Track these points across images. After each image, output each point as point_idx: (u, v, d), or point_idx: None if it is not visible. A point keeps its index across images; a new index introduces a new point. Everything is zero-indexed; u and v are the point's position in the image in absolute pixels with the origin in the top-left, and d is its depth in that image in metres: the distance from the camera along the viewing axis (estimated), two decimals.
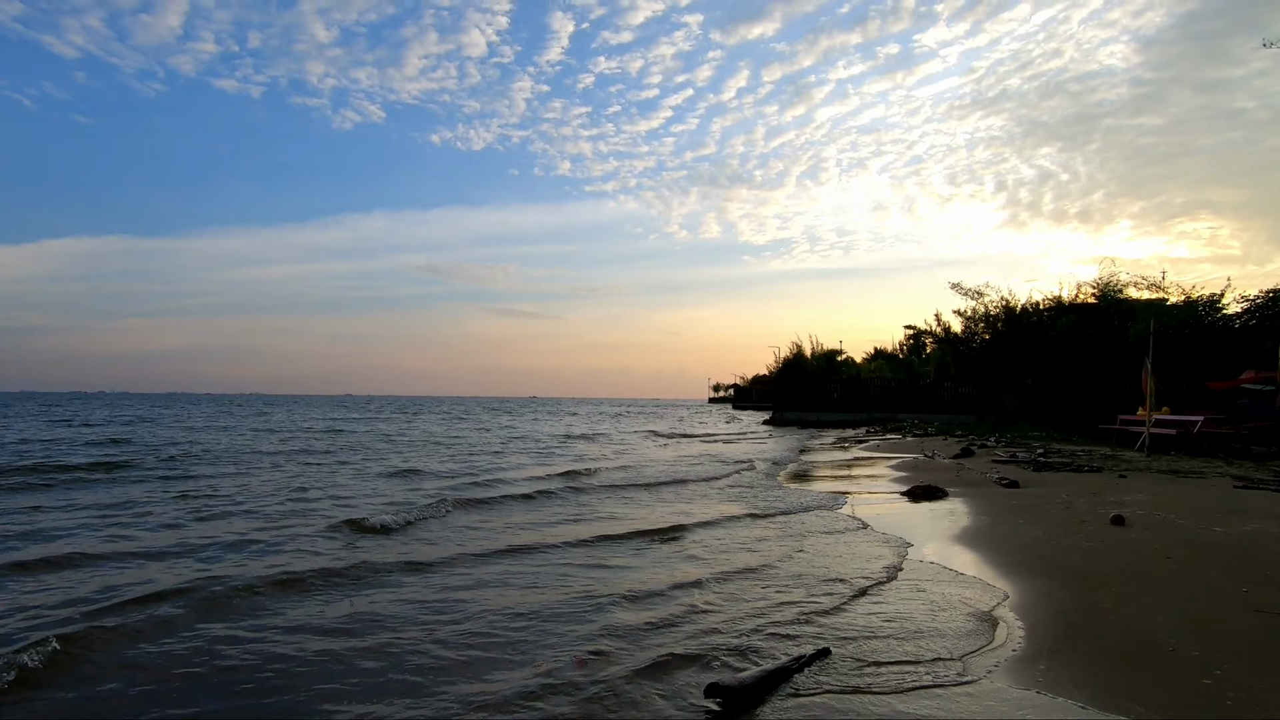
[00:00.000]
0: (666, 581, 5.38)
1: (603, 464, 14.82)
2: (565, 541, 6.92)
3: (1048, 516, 7.63)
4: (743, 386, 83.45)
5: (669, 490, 10.94)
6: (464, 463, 14.97)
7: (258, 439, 21.41)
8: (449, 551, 6.42)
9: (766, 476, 12.79)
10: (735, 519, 8.29)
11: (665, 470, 13.89)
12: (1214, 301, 22.16)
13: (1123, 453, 15.02)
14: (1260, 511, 7.53)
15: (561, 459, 16.06)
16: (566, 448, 19.68)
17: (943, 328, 38.44)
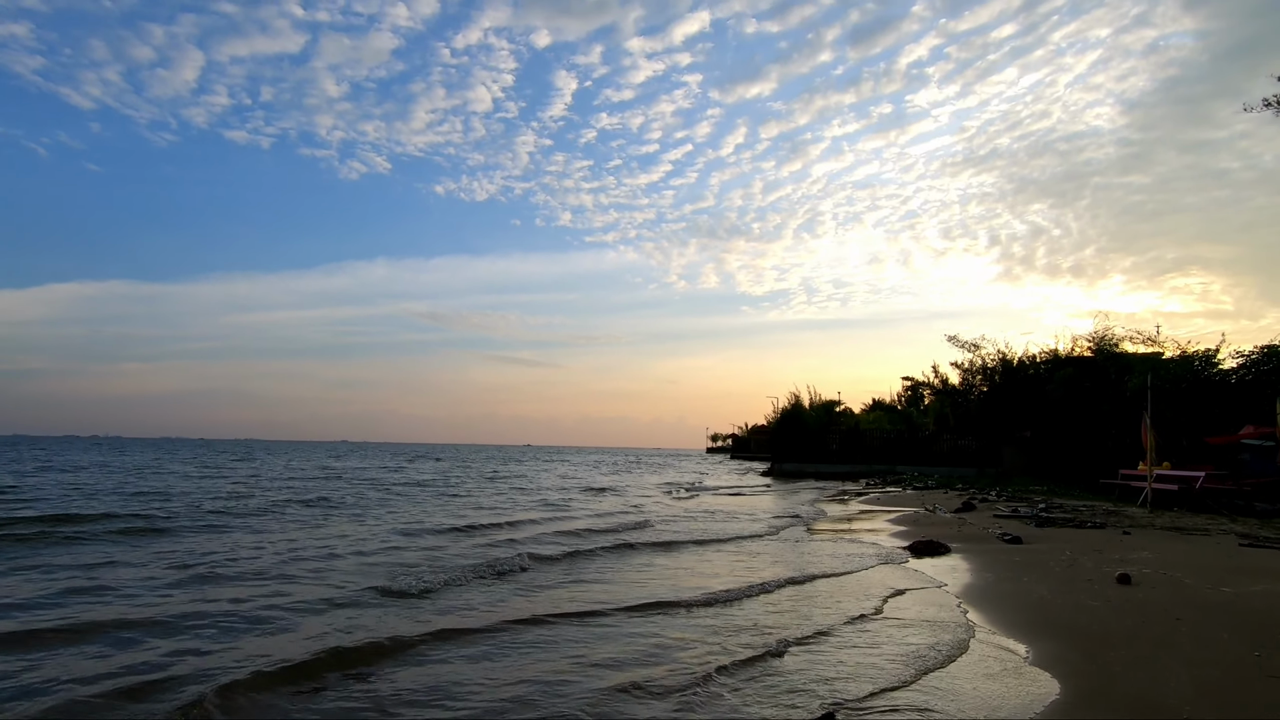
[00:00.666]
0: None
1: (630, 518, 14.23)
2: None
3: (1053, 574, 7.51)
4: (741, 437, 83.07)
5: (713, 551, 10.62)
6: (502, 514, 14.33)
7: (261, 486, 21.13)
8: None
9: (784, 532, 12.61)
10: (782, 583, 8.09)
11: (697, 529, 13.14)
12: (1209, 356, 22.30)
13: (1125, 508, 14.88)
14: (1268, 571, 7.43)
15: (587, 513, 15.26)
16: (587, 502, 19.11)
17: (940, 380, 38.54)
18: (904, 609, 6.25)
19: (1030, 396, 27.89)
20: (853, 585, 7.39)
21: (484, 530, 11.58)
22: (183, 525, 11.46)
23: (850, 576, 7.86)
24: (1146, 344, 25.68)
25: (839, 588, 7.25)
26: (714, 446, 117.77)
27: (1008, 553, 9.16)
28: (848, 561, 8.81)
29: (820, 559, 9.12)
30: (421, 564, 8.20)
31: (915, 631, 5.46)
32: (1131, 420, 18.26)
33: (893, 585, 7.28)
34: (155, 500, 15.65)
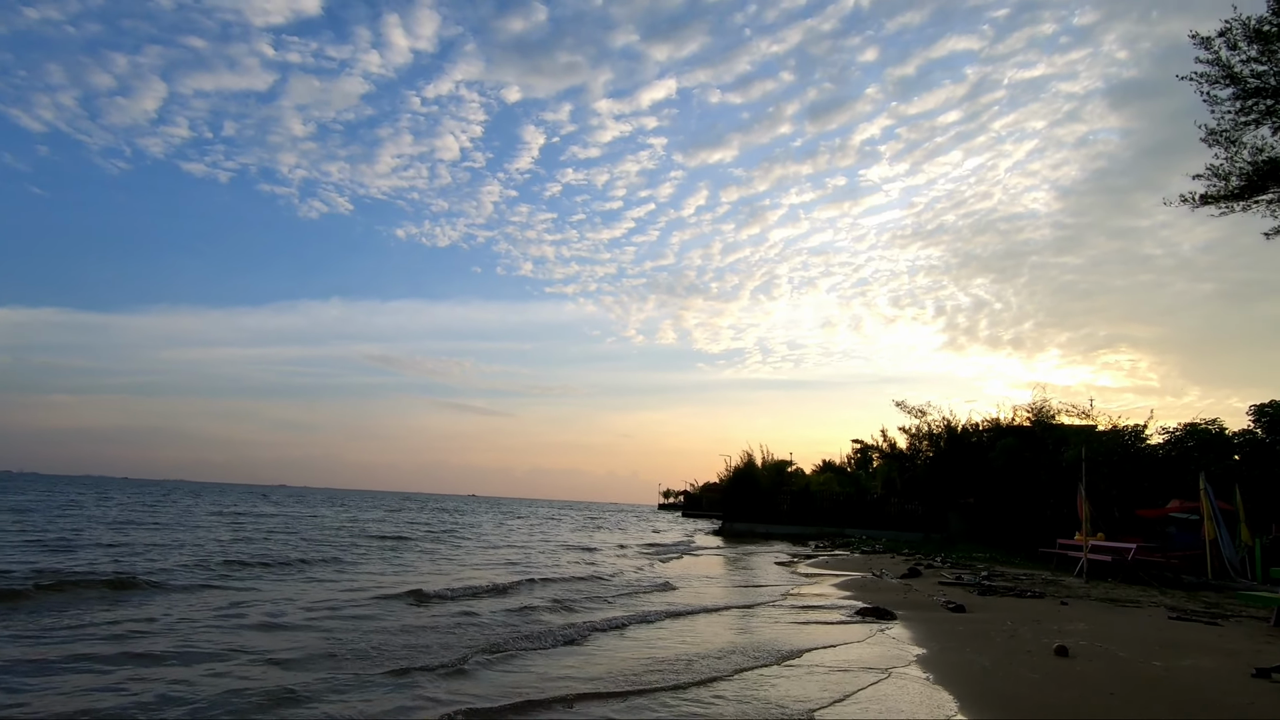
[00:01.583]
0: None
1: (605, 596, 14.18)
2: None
3: (994, 644, 7.60)
4: (693, 494, 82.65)
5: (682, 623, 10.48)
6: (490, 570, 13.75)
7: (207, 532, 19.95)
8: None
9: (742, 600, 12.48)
10: (734, 671, 7.98)
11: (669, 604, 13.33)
12: (1138, 431, 23.44)
13: (1062, 578, 15.25)
14: (1196, 645, 7.67)
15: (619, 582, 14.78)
16: (559, 563, 18.85)
17: (889, 444, 39.36)
18: (855, 683, 6.21)
19: (974, 464, 28.66)
20: (805, 659, 7.33)
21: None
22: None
23: (803, 648, 7.80)
24: (1081, 417, 26.88)
25: (791, 668, 7.18)
26: (666, 503, 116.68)
27: (951, 621, 9.25)
28: (801, 633, 8.75)
29: (773, 630, 9.03)
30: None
31: (867, 706, 5.42)
32: (1068, 490, 18.89)
33: (843, 657, 7.25)
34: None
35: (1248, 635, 8.52)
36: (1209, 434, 21.74)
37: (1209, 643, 7.88)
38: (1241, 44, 20.08)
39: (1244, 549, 15.13)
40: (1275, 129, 19.86)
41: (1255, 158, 20.09)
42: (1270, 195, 20.28)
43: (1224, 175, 20.83)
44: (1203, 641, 7.95)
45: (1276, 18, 19.43)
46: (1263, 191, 20.20)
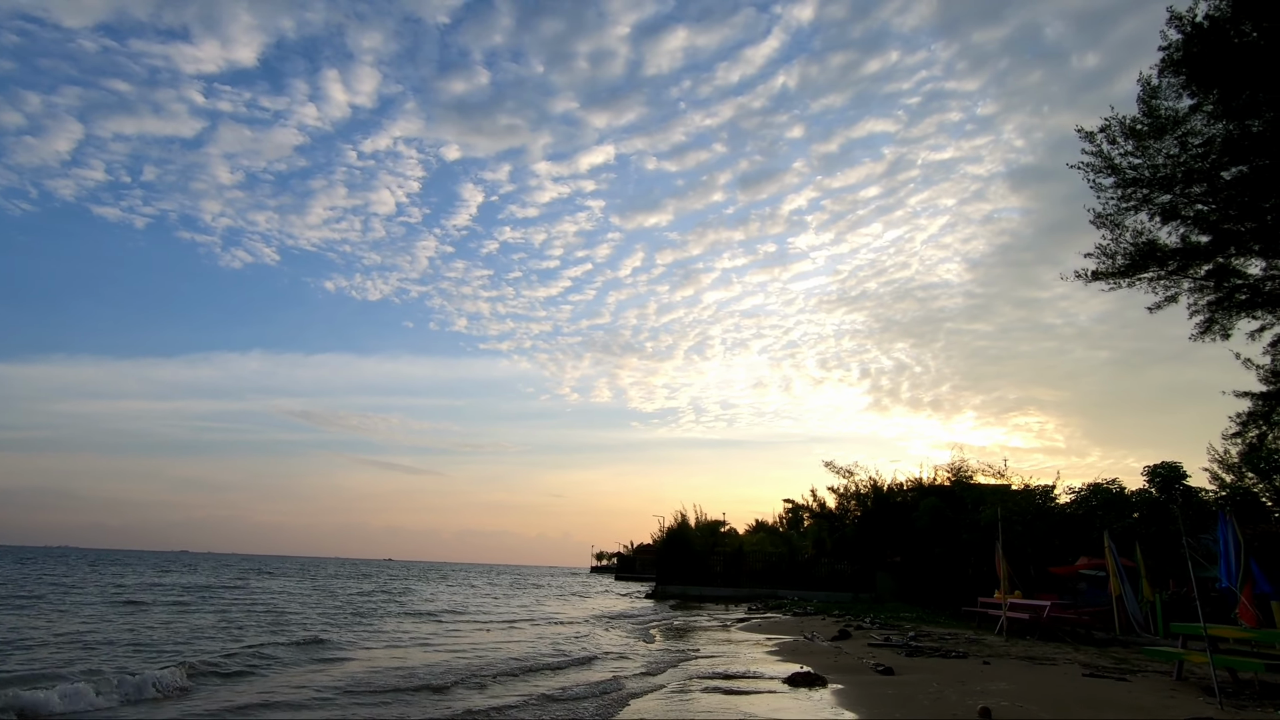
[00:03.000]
0: None
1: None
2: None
3: (921, 707, 7.64)
4: (626, 556, 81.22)
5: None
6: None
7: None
8: None
9: (670, 673, 12.13)
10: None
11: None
12: (1048, 491, 24.71)
13: (984, 636, 15.60)
14: (1108, 702, 7.92)
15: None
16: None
17: (818, 503, 40.05)
18: None
19: (899, 523, 29.42)
20: None
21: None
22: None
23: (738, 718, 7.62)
24: (996, 476, 28.17)
25: None
26: (598, 566, 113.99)
27: (881, 685, 9.26)
28: (737, 701, 8.57)
29: (709, 699, 8.82)
30: None
31: None
32: (987, 548, 19.56)
33: None
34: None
35: (1154, 690, 8.87)
36: (1110, 493, 23.12)
37: (1120, 699, 8.15)
38: (1119, 139, 22.43)
39: (1146, 604, 15.91)
40: (1152, 215, 22.05)
41: (1136, 240, 22.18)
42: (1151, 273, 22.34)
43: (1111, 254, 22.86)
44: (1114, 698, 8.22)
45: (1147, 118, 21.85)
46: (1144, 270, 22.25)
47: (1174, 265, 21.82)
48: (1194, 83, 20.47)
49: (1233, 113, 19.79)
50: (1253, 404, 21.76)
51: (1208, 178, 20.86)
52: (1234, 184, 20.76)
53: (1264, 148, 19.87)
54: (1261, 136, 19.62)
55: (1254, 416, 21.71)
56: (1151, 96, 21.30)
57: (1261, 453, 22.34)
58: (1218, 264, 21.58)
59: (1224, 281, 21.59)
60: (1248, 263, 21.47)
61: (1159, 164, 21.35)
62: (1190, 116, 20.84)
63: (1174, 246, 21.68)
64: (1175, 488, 22.06)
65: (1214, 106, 20.24)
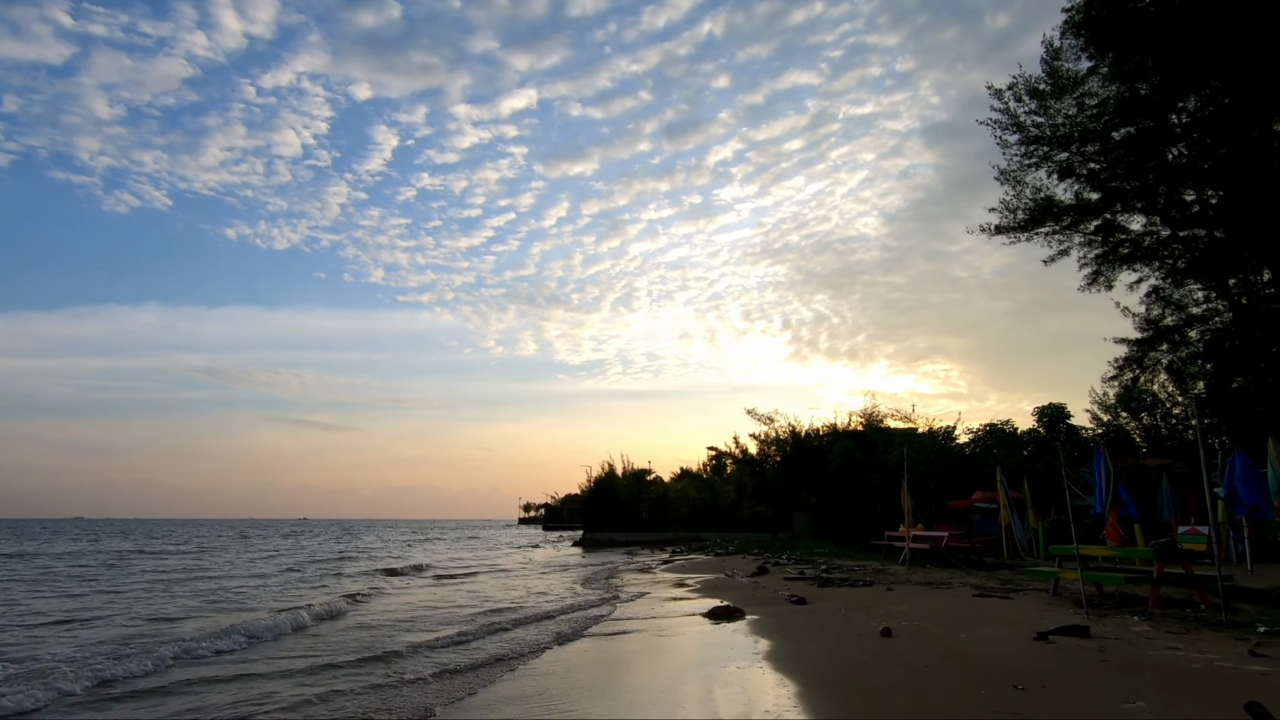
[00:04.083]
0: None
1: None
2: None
3: (830, 631, 8.21)
4: (554, 506, 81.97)
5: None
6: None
7: None
8: None
9: (593, 610, 12.43)
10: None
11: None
12: (949, 432, 26.46)
13: (890, 566, 16.79)
14: (993, 618, 8.74)
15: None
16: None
17: (741, 450, 41.42)
18: (705, 679, 6.43)
19: (816, 466, 30.90)
20: (656, 666, 7.48)
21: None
22: None
23: (655, 654, 7.96)
24: (904, 421, 29.90)
25: (642, 677, 7.30)
26: (526, 517, 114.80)
27: (794, 613, 9.87)
28: (657, 635, 8.93)
29: (627, 642, 9.14)
30: None
31: (720, 707, 5.63)
32: (895, 487, 20.89)
33: (698, 656, 7.48)
34: None
35: (1033, 605, 9.85)
36: (1004, 433, 25.00)
37: (1004, 614, 9.01)
38: (1024, 97, 23.43)
39: (1031, 531, 17.49)
40: (1050, 172, 23.32)
41: (1035, 196, 23.48)
42: (1047, 228, 23.77)
43: (1012, 209, 24.13)
44: (999, 614, 9.08)
45: (1050, 79, 22.86)
46: (1041, 225, 23.64)
47: (1068, 221, 23.31)
48: (1092, 45, 21.52)
49: (1125, 76, 20.98)
50: (1129, 350, 23.85)
51: (1100, 138, 22.19)
52: (1122, 144, 22.18)
53: (1149, 110, 21.25)
54: (1148, 100, 20.94)
55: (1129, 361, 23.83)
56: (1054, 58, 22.29)
57: (1134, 394, 24.58)
58: (1105, 220, 23.18)
59: (1110, 236, 23.25)
60: (1131, 219, 23.17)
61: (1059, 123, 22.53)
62: (1088, 78, 21.97)
63: (1068, 203, 23.11)
64: (1060, 427, 24.07)
65: (1109, 69, 21.39)
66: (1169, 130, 21.44)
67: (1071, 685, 5.43)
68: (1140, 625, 8.07)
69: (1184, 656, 6.39)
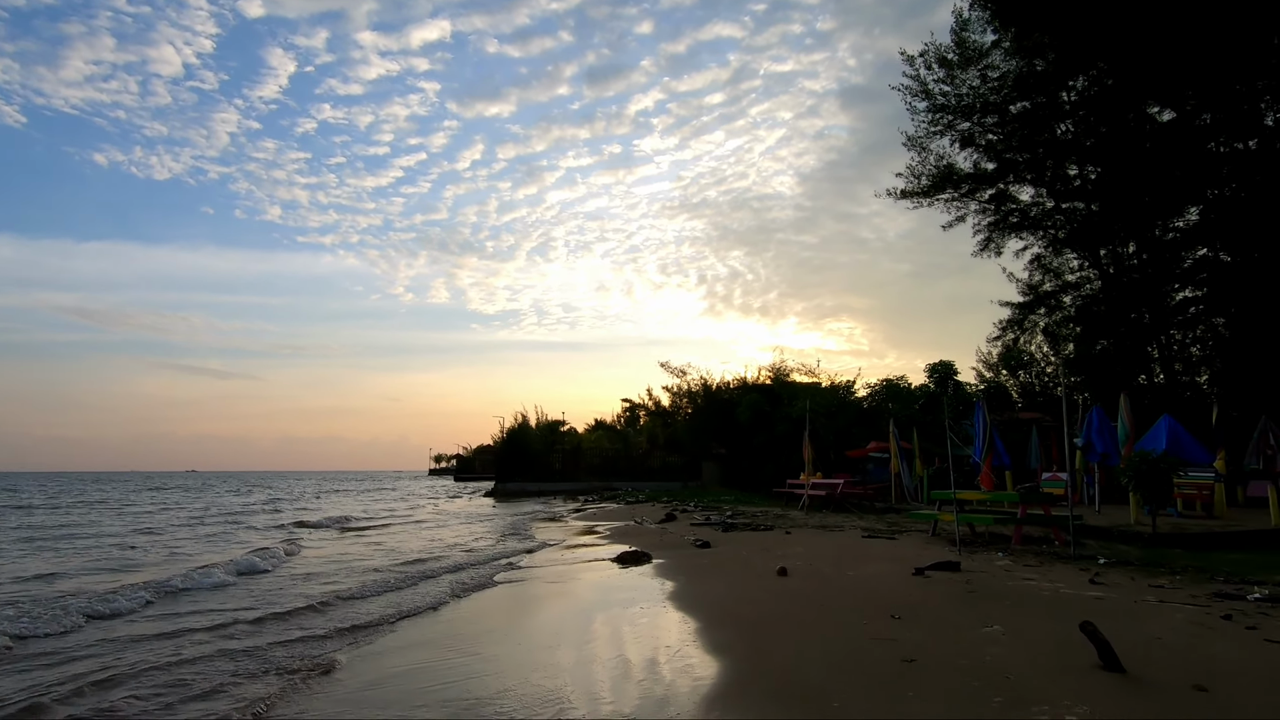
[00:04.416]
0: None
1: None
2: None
3: (731, 573, 8.66)
4: (466, 457, 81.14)
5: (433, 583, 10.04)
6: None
7: None
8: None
9: (506, 558, 12.48)
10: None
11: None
12: (849, 386, 27.93)
13: (790, 512, 17.77)
14: (878, 557, 9.47)
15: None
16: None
17: (654, 402, 42.20)
18: (611, 619, 6.66)
19: (725, 418, 31.90)
20: (563, 609, 7.66)
21: None
22: None
23: (564, 598, 8.14)
24: (809, 375, 31.27)
25: (549, 619, 7.46)
26: (437, 468, 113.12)
27: (698, 556, 10.33)
28: (568, 579, 9.11)
29: (538, 587, 9.29)
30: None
31: (627, 645, 5.86)
32: (798, 438, 21.93)
33: (607, 598, 7.72)
34: None
35: (914, 544, 10.74)
36: (899, 388, 26.63)
37: (888, 553, 9.78)
38: (934, 66, 24.21)
39: (918, 479, 18.88)
40: (953, 141, 24.39)
41: (938, 163, 24.55)
42: (947, 195, 24.97)
43: (917, 175, 25.16)
44: (884, 553, 9.84)
45: (957, 49, 23.69)
46: (942, 191, 24.81)
47: (965, 189, 24.56)
48: (997, 19, 22.41)
49: (1024, 51, 22.03)
50: (1011, 313, 25.70)
51: (999, 110, 23.34)
52: (1018, 118, 23.42)
53: (1044, 87, 22.48)
54: (1043, 76, 22.13)
55: (1011, 323, 25.71)
56: (962, 28, 23.09)
57: (1014, 353, 26.64)
58: (999, 189, 24.58)
59: (1001, 205, 24.71)
60: (1021, 190, 24.67)
61: (963, 93, 23.49)
62: (992, 51, 22.93)
63: (967, 171, 24.32)
64: (948, 382, 25.85)
65: (1011, 44, 22.39)
66: (1059, 107, 22.81)
67: (940, 613, 6.00)
68: (1003, 560, 8.97)
69: (1036, 586, 7.17)
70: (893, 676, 4.29)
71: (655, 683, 4.51)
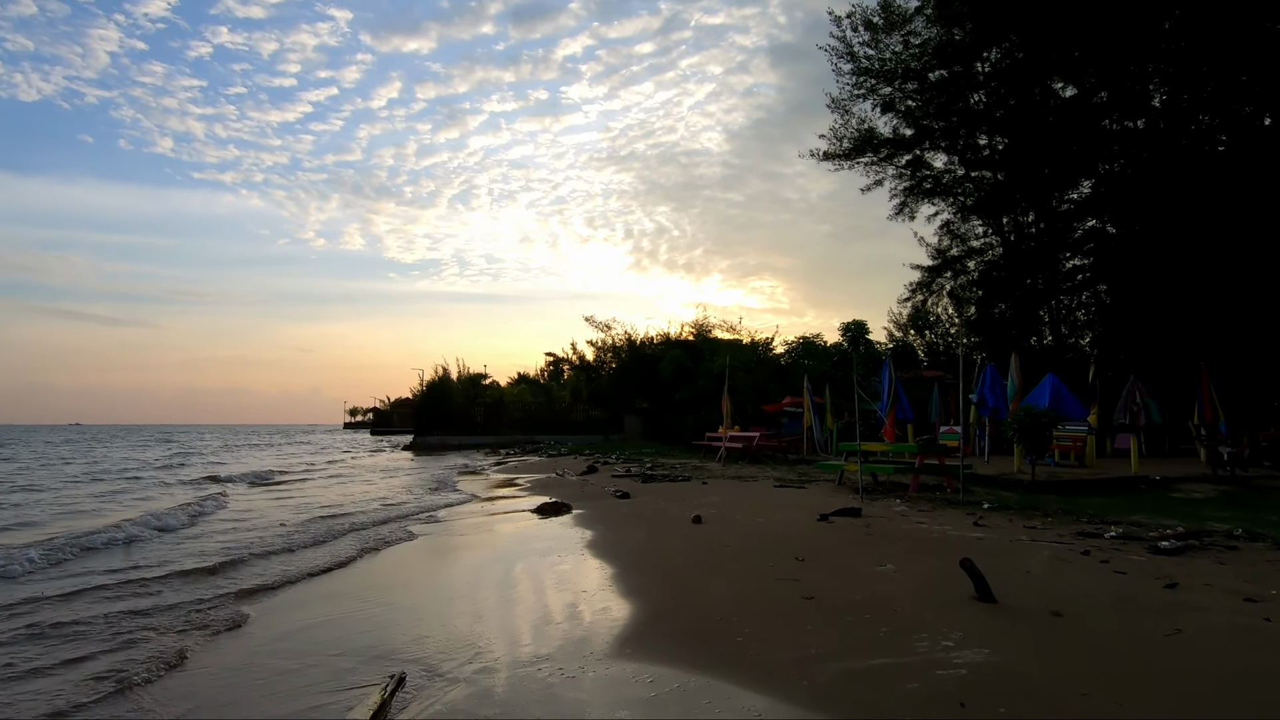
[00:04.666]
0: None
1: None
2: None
3: (649, 521, 8.94)
4: (383, 410, 78.97)
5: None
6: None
7: None
8: None
9: (429, 511, 12.33)
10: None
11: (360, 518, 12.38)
12: (768, 343, 28.79)
13: (708, 464, 18.37)
14: (787, 504, 9.98)
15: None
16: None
17: (578, 356, 42.17)
18: (529, 568, 6.78)
19: (648, 373, 32.34)
20: (480, 558, 7.72)
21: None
22: None
23: (481, 549, 8.19)
24: (730, 332, 31.99)
25: (465, 569, 7.51)
26: (353, 422, 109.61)
27: (617, 506, 10.58)
28: (490, 528, 9.15)
29: (461, 538, 9.29)
30: None
31: (546, 592, 5.98)
32: (720, 393, 22.55)
33: (522, 548, 7.83)
34: None
35: (821, 493, 11.37)
36: (815, 346, 27.67)
37: (797, 501, 10.33)
38: (860, 29, 24.50)
39: (828, 432, 19.83)
40: (875, 105, 24.93)
41: (860, 126, 25.11)
42: (867, 158, 25.64)
43: (840, 137, 25.67)
44: (793, 501, 10.39)
45: (883, 13, 24.03)
46: (863, 154, 25.44)
47: (884, 153, 25.28)
48: None
49: (944, 20, 22.61)
50: (921, 275, 26.95)
51: (919, 77, 23.97)
52: (936, 85, 24.15)
53: (961, 56, 23.22)
54: (961, 45, 22.83)
55: (920, 286, 27.00)
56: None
57: (922, 314, 28.08)
58: (915, 155, 25.43)
59: (917, 171, 25.63)
60: (935, 156, 25.63)
61: (886, 58, 23.96)
62: (915, 17, 23.40)
63: (886, 136, 25.00)
64: (860, 341, 27.05)
65: (932, 11, 22.91)
66: (974, 77, 23.66)
67: (840, 555, 6.44)
68: (901, 506, 9.65)
69: (927, 529, 7.78)
70: (794, 612, 4.61)
71: (573, 625, 4.67)
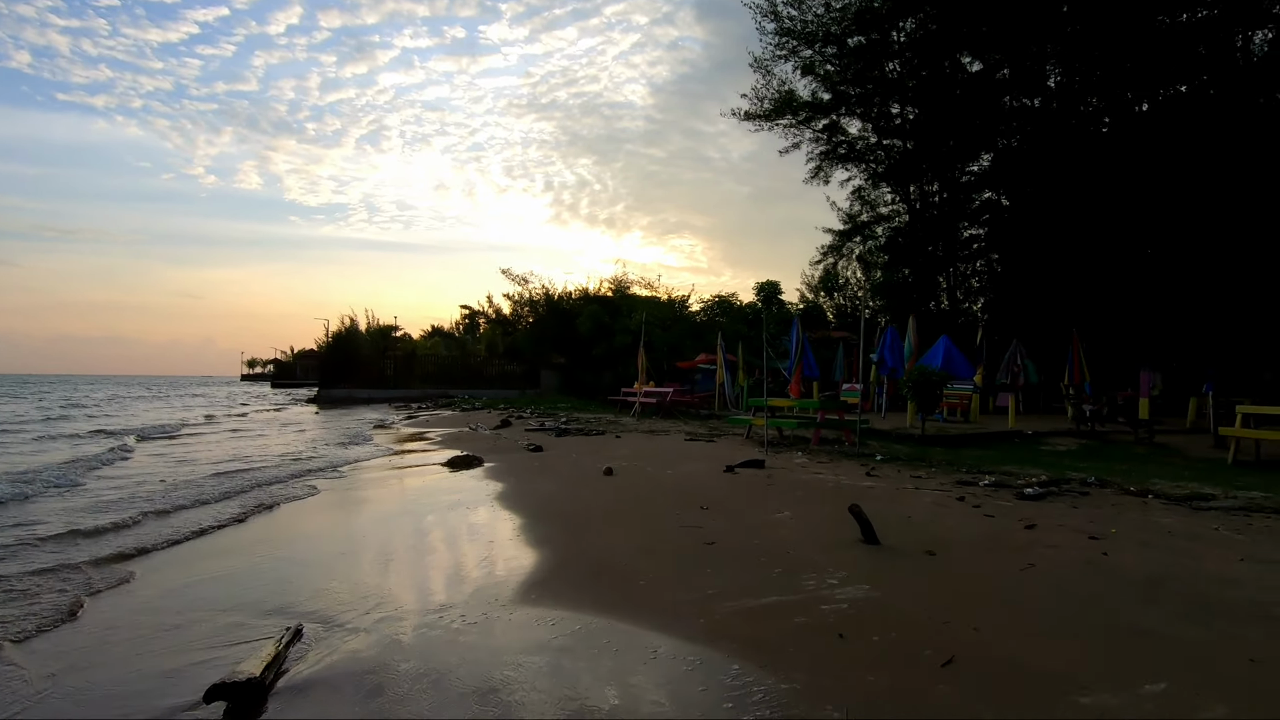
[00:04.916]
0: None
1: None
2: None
3: (560, 473, 9.03)
4: (285, 362, 75.21)
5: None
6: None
7: None
8: None
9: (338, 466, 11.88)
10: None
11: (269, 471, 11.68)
12: (684, 301, 29.17)
13: (622, 418, 18.61)
14: (696, 457, 10.30)
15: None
16: None
17: (494, 309, 41.35)
18: (438, 519, 6.73)
19: (566, 328, 32.15)
20: (386, 511, 7.60)
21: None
22: None
23: (388, 501, 8.05)
24: (649, 289, 32.15)
25: (370, 521, 7.37)
26: (251, 374, 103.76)
27: (530, 459, 10.61)
28: (399, 482, 8.98)
29: (370, 490, 9.08)
30: None
31: (454, 543, 5.96)
32: (636, 349, 22.76)
33: (431, 500, 7.74)
34: None
35: (729, 446, 11.79)
36: (730, 305, 28.28)
37: (705, 454, 10.67)
38: None
39: (739, 388, 20.47)
40: (796, 67, 25.15)
41: (780, 88, 25.34)
42: (786, 120, 25.97)
43: (761, 98, 25.83)
44: (702, 454, 10.73)
45: None
46: (782, 116, 25.74)
47: (803, 116, 25.67)
48: None
49: None
50: (832, 239, 27.87)
51: (839, 42, 24.31)
52: (854, 51, 24.59)
53: (878, 24, 23.69)
54: (879, 13, 23.27)
55: (831, 249, 27.94)
56: None
57: (831, 277, 29.15)
58: (831, 120, 25.97)
59: (833, 136, 26.21)
60: (851, 123, 26.27)
61: (809, 20, 24.13)
62: None
63: (805, 100, 25.37)
64: (773, 301, 27.87)
65: None
66: (890, 46, 24.26)
67: (742, 504, 6.74)
68: (802, 459, 10.16)
69: (824, 479, 8.25)
70: (695, 556, 4.82)
71: (480, 574, 4.70)
